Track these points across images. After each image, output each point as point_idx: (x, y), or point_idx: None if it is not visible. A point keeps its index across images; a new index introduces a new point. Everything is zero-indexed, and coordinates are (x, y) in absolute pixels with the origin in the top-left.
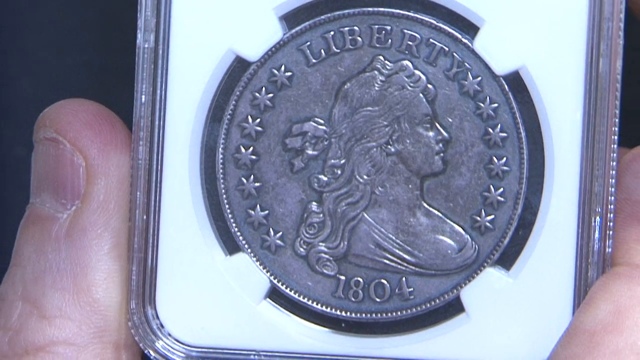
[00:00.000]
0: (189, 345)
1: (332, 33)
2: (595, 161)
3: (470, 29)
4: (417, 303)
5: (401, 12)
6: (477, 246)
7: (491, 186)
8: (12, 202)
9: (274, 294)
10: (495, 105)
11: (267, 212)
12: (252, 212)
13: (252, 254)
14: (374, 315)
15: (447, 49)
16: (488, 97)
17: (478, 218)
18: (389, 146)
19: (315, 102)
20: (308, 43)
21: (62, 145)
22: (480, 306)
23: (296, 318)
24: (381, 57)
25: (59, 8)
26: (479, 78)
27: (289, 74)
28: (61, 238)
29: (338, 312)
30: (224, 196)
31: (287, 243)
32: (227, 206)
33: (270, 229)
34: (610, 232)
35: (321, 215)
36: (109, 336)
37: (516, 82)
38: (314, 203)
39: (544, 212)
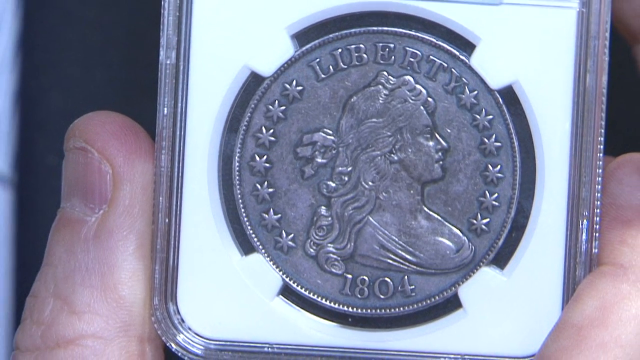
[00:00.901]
0: (207, 339)
1: (339, 50)
2: (582, 168)
3: (468, 46)
4: (418, 300)
5: (403, 31)
6: (473, 247)
7: (486, 192)
8: (45, 206)
9: (286, 291)
10: (491, 117)
11: (279, 215)
12: (266, 216)
13: (265, 254)
14: (378, 310)
15: (446, 65)
16: (484, 110)
17: (474, 221)
18: (392, 155)
19: (324, 114)
20: (317, 59)
21: (90, 154)
22: (477, 303)
23: (307, 313)
24: (385, 73)
25: (88, 28)
26: (476, 92)
27: (300, 88)
28: (90, 239)
29: (345, 308)
30: (240, 201)
31: (298, 244)
32: (242, 210)
33: (283, 231)
34: (597, 234)
35: (330, 218)
36: (134, 330)
37: (510, 96)
38: (323, 207)
39: (535, 216)
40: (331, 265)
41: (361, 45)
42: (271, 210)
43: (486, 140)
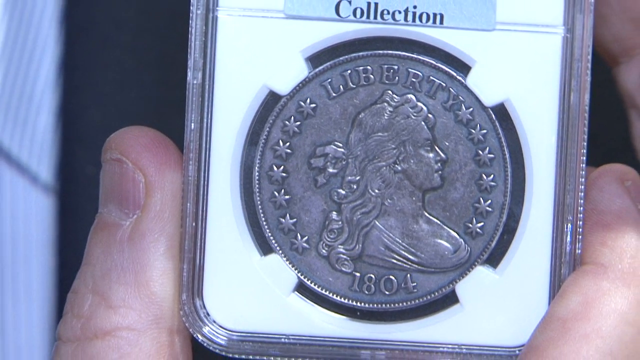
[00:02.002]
0: (230, 330)
1: (349, 71)
2: (567, 178)
3: (464, 68)
4: (420, 295)
5: (406, 54)
6: (469, 248)
7: (481, 198)
8: (84, 212)
9: (301, 288)
10: (484, 131)
11: (295, 220)
12: (283, 220)
13: (282, 255)
14: (383, 305)
15: (444, 84)
16: (478, 125)
17: (470, 225)
18: (396, 165)
19: (335, 129)
20: (329, 80)
21: (125, 164)
22: (472, 298)
23: (319, 308)
24: (390, 92)
25: (123, 51)
26: (471, 109)
27: (313, 105)
28: (124, 241)
29: (354, 303)
30: (260, 207)
31: (311, 246)
32: (262, 215)
33: (298, 234)
34: (580, 237)
35: (340, 222)
36: (164, 323)
37: (502, 113)
38: (334, 212)
39: (525, 220)
40: (341, 264)
41: (368, 67)
42: (287, 215)
43: (480, 152)
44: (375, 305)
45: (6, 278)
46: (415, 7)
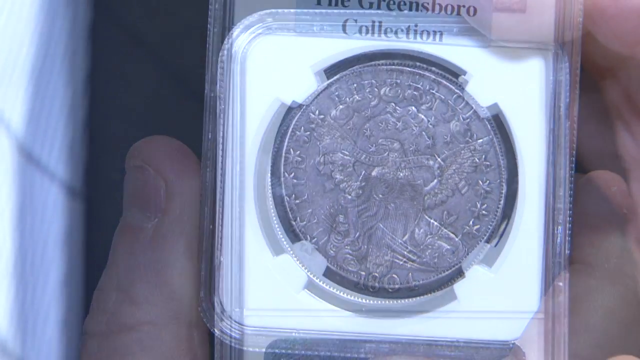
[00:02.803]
0: (244, 325)
1: (355, 85)
2: (557, 183)
3: (462, 81)
4: (421, 293)
5: (408, 69)
6: (466, 249)
7: (477, 203)
8: (109, 215)
9: (310, 286)
10: (481, 140)
11: (305, 222)
12: (294, 223)
13: (293, 255)
14: (387, 302)
15: (443, 97)
16: (475, 135)
17: (467, 227)
18: (399, 172)
19: (342, 138)
20: (337, 93)
21: (147, 171)
22: (469, 295)
23: (327, 305)
24: (393, 104)
25: (145, 66)
26: (468, 120)
27: (322, 116)
28: (147, 243)
29: (360, 300)
30: (272, 210)
31: (320, 247)
32: (274, 218)
33: (308, 236)
34: (569, 239)
35: (346, 225)
36: (184, 318)
37: (497, 123)
38: (341, 216)
39: (518, 223)
40: (348, 264)
41: (373, 81)
42: (298, 218)
43: (477, 160)
44: (379, 302)
45: (38, 277)
46: (416, 25)
